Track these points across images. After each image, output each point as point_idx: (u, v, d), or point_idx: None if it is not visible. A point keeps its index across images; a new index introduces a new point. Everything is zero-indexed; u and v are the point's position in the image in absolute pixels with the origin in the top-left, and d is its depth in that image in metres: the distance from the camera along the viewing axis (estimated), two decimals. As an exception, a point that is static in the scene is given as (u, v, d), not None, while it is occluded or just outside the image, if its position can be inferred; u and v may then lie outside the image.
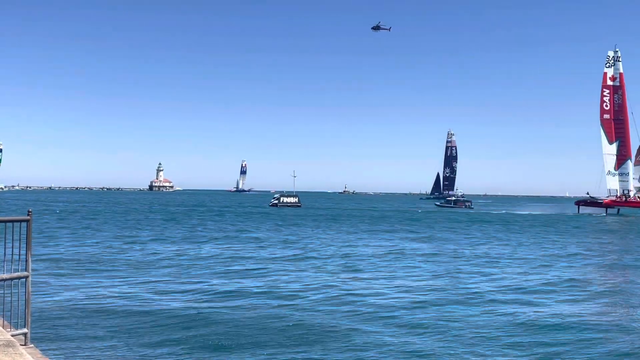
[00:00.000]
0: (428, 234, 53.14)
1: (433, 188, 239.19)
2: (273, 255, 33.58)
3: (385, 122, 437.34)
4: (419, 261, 32.10)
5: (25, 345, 8.05)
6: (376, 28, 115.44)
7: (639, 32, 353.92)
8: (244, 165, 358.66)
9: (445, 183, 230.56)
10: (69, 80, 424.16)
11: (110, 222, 61.31)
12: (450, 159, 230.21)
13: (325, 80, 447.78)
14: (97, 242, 38.41)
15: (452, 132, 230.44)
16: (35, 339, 10.10)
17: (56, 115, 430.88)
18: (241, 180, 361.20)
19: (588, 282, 25.97)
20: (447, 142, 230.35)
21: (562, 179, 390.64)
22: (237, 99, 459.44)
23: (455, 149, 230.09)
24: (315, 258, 32.70)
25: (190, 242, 40.27)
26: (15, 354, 6.81)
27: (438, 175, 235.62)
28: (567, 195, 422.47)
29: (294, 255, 34.04)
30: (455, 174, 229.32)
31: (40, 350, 8.58)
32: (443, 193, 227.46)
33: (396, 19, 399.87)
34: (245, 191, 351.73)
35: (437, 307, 19.14)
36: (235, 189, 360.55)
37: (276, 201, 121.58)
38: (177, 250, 35.23)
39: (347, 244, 41.41)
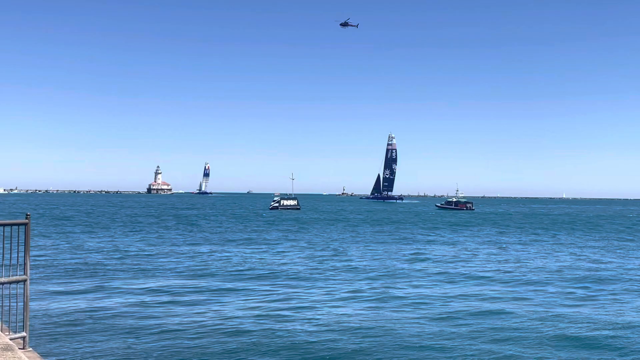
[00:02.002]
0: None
1: (373, 189, 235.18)
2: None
3: (380, 122, 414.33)
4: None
5: (23, 348, 7.62)
6: (344, 24, 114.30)
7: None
8: (207, 167, 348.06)
9: (384, 184, 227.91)
10: (66, 83, 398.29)
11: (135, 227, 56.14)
12: (390, 161, 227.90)
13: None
14: (99, 246, 35.87)
15: (393, 136, 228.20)
16: (34, 343, 9.26)
17: (53, 117, 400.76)
18: (204, 183, 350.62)
19: None
20: (388, 144, 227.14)
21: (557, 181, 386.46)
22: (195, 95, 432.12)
23: (396, 151, 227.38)
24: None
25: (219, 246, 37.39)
26: (14, 357, 6.40)
27: (378, 177, 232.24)
28: (564, 196, 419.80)
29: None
30: (394, 176, 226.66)
31: (39, 353, 7.94)
32: (382, 193, 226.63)
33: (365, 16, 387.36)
34: (207, 193, 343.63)
35: None
36: (198, 191, 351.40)
37: (276, 204, 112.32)
38: (191, 256, 32.29)
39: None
